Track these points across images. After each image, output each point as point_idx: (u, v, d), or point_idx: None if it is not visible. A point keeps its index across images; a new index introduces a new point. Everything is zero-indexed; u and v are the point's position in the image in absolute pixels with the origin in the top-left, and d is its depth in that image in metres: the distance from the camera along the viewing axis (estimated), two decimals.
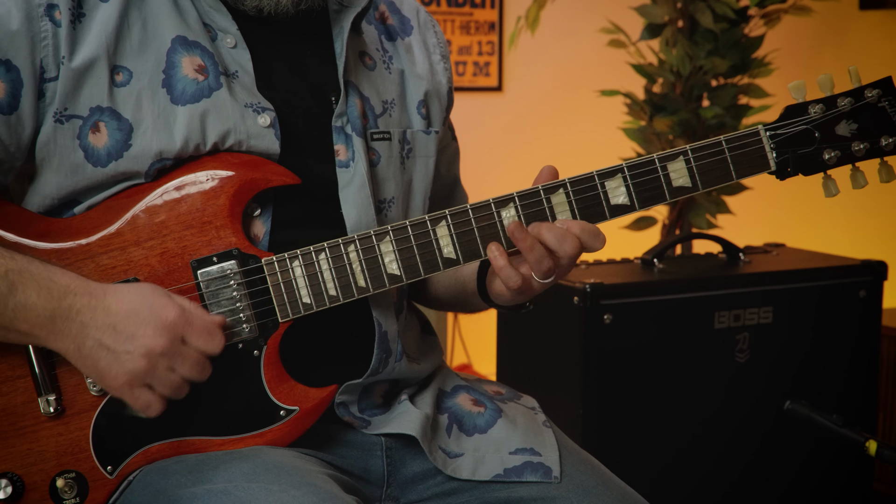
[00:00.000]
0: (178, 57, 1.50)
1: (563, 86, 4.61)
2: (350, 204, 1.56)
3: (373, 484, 1.58)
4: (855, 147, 1.53)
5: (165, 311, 1.41)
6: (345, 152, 1.57)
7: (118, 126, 1.47)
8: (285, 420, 1.49)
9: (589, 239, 1.50)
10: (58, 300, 1.40)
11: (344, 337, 1.57)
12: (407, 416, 1.59)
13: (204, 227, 1.48)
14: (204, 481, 1.41)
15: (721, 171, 1.52)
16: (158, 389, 1.43)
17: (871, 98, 1.52)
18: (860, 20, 4.87)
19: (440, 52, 1.76)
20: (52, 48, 1.46)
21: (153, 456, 1.48)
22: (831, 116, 1.53)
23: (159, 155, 1.47)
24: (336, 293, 1.49)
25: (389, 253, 1.50)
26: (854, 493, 2.96)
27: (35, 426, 1.47)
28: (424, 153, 1.68)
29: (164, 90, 1.48)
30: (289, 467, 1.42)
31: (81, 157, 1.47)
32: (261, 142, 1.51)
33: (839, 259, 3.03)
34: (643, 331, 2.72)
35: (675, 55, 3.59)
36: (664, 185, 1.52)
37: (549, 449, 1.62)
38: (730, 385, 2.80)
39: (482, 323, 2.90)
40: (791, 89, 1.53)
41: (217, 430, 1.49)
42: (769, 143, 1.53)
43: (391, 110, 1.65)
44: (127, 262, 1.47)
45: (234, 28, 1.54)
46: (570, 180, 1.51)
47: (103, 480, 1.48)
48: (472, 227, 1.51)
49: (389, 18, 1.74)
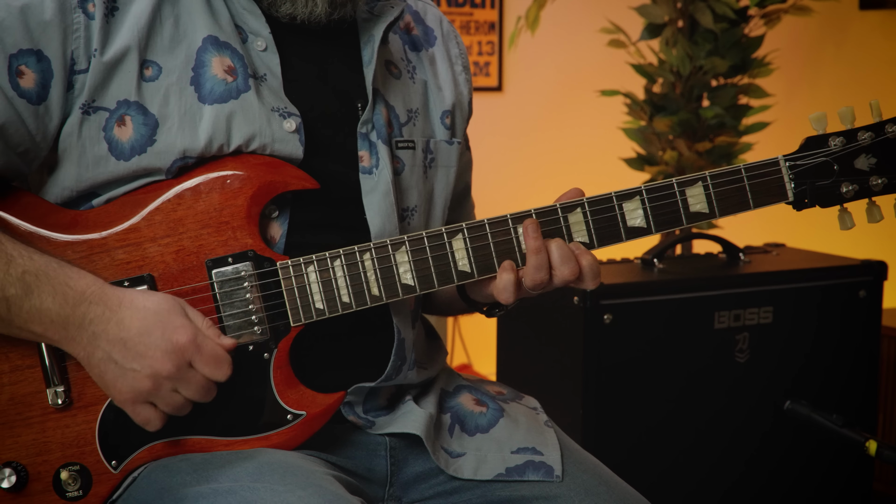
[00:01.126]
0: (208, 56, 1.50)
1: (563, 86, 4.61)
2: (374, 210, 1.56)
3: (376, 484, 1.58)
4: (873, 182, 1.54)
5: (177, 335, 1.41)
6: (368, 159, 1.58)
7: (144, 121, 1.47)
8: (292, 424, 1.49)
9: (588, 274, 1.51)
10: (72, 307, 1.40)
11: (360, 342, 1.57)
12: (411, 415, 1.59)
13: (221, 227, 1.48)
14: (209, 480, 1.42)
15: (739, 198, 1.54)
16: (161, 407, 1.44)
17: (891, 133, 1.53)
18: (860, 20, 4.87)
19: (462, 63, 1.77)
20: (84, 40, 1.46)
21: (158, 453, 1.49)
22: (851, 150, 1.53)
23: (183, 152, 1.47)
24: (349, 300, 1.50)
25: (405, 263, 1.50)
26: (854, 493, 2.96)
27: (42, 417, 1.47)
28: (446, 163, 1.69)
29: (192, 88, 1.49)
30: (294, 468, 1.42)
31: (105, 149, 1.47)
32: (285, 146, 1.51)
33: (839, 259, 3.03)
34: (643, 331, 2.72)
35: (675, 55, 3.59)
36: (682, 210, 1.53)
37: (550, 448, 1.62)
38: (730, 385, 2.80)
39: (482, 323, 2.90)
40: (812, 120, 1.53)
41: (223, 431, 1.49)
42: (788, 174, 1.54)
43: (415, 119, 1.66)
44: (142, 258, 1.47)
45: (266, 31, 1.54)
46: (587, 200, 1.52)
47: (107, 475, 1.48)
48: (489, 242, 1.51)
49: (414, 29, 1.74)
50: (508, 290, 1.50)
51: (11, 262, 1.40)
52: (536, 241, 1.49)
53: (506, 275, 1.50)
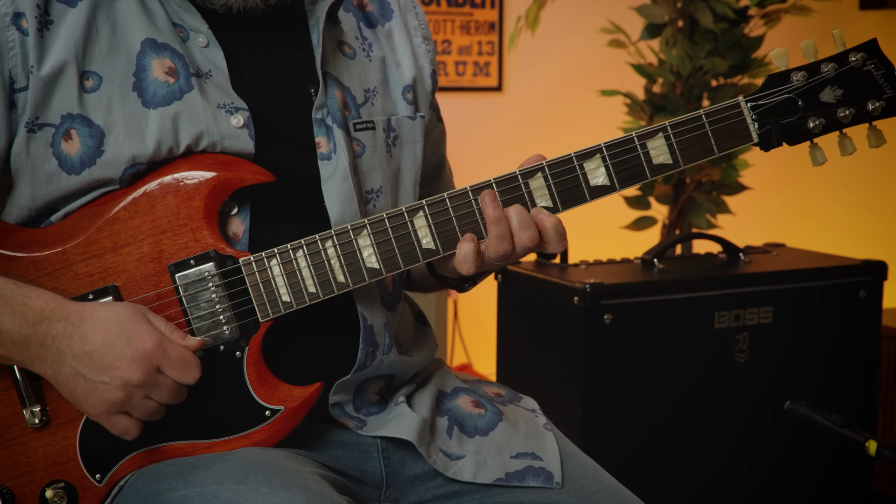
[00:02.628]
0: (147, 60, 1.48)
1: (563, 86, 4.61)
2: (333, 197, 1.54)
3: (370, 485, 1.58)
4: (841, 113, 1.49)
5: (142, 342, 1.40)
6: (326, 144, 1.55)
7: (90, 132, 1.46)
8: (271, 420, 1.48)
9: (553, 236, 1.48)
10: (33, 326, 1.40)
11: (329, 332, 1.55)
12: (403, 419, 1.58)
13: (179, 229, 1.47)
14: (194, 484, 1.41)
15: (702, 145, 1.50)
16: (135, 415, 1.43)
17: (855, 62, 1.49)
18: (860, 20, 4.86)
19: (422, 35, 1.72)
20: (21, 57, 1.44)
21: (141, 462, 1.48)
22: (815, 83, 1.49)
23: (132, 160, 1.46)
24: (316, 290, 1.48)
25: (368, 247, 1.48)
26: (854, 494, 2.96)
27: (22, 437, 1.46)
28: (411, 139, 1.66)
29: (135, 94, 1.47)
30: (279, 468, 1.42)
31: (55, 165, 1.46)
32: (234, 142, 1.49)
33: (839, 259, 3.03)
34: (643, 331, 2.72)
35: (675, 55, 3.59)
36: (644, 164, 1.50)
37: (550, 453, 1.61)
38: (730, 385, 2.80)
39: (482, 323, 2.90)
40: (773, 57, 1.50)
41: (204, 434, 1.48)
42: (750, 115, 1.50)
43: (373, 99, 1.63)
44: (104, 269, 1.46)
45: (204, 27, 1.52)
46: (547, 163, 1.50)
47: (93, 489, 1.47)
48: (451, 217, 1.49)
49: (368, 5, 1.70)
50: (469, 259, 1.48)
51: None
52: (496, 211, 1.47)
53: (465, 245, 1.48)
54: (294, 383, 1.50)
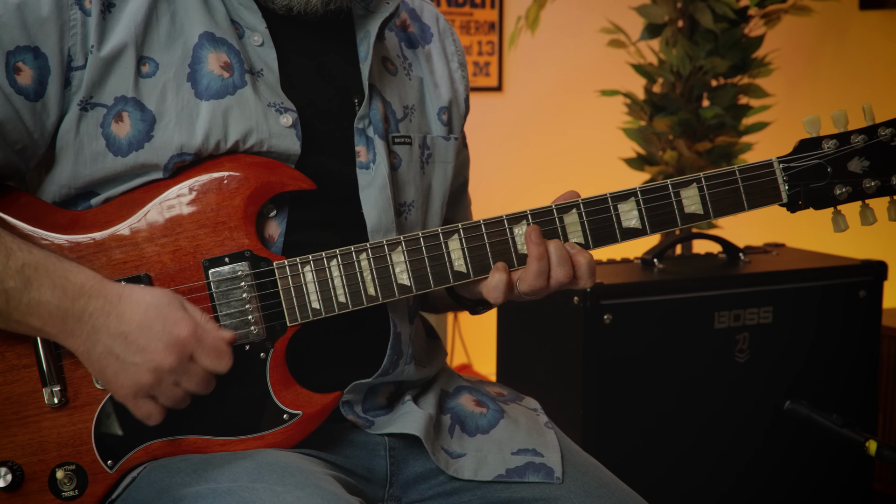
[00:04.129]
0: (204, 52, 1.50)
1: (563, 86, 4.61)
2: (371, 205, 1.56)
3: (375, 484, 1.58)
4: (866, 184, 1.56)
5: (178, 328, 1.41)
6: (366, 154, 1.58)
7: (141, 117, 1.47)
8: (288, 424, 1.49)
9: (585, 273, 1.52)
10: (71, 300, 1.40)
11: (357, 337, 1.57)
12: (411, 416, 1.59)
13: (217, 227, 1.48)
14: (209, 480, 1.41)
15: (733, 199, 1.55)
16: (161, 401, 1.43)
17: (884, 136, 1.54)
18: (860, 20, 4.87)
19: (458, 60, 1.77)
20: (81, 37, 1.46)
21: (154, 452, 1.48)
22: (845, 152, 1.55)
23: (180, 148, 1.47)
24: (346, 300, 1.50)
25: (401, 263, 1.50)
26: (854, 493, 2.96)
27: (38, 416, 1.47)
28: (444, 159, 1.69)
29: (189, 84, 1.49)
30: (293, 468, 1.42)
31: (103, 145, 1.47)
32: (282, 142, 1.51)
33: (839, 259, 3.03)
34: (643, 331, 2.72)
35: (675, 55, 3.59)
36: (676, 211, 1.54)
37: (551, 450, 1.62)
38: (730, 385, 2.80)
39: (482, 323, 2.90)
40: (805, 123, 1.55)
41: (219, 430, 1.49)
42: (782, 176, 1.55)
43: (411, 115, 1.66)
44: (139, 258, 1.47)
45: (262, 26, 1.54)
46: (583, 201, 1.53)
47: (103, 474, 1.48)
48: (485, 243, 1.52)
49: (410, 26, 1.74)
50: (499, 289, 1.51)
51: (11, 254, 1.40)
52: (539, 248, 1.50)
53: (498, 274, 1.51)
54: (314, 384, 1.51)
